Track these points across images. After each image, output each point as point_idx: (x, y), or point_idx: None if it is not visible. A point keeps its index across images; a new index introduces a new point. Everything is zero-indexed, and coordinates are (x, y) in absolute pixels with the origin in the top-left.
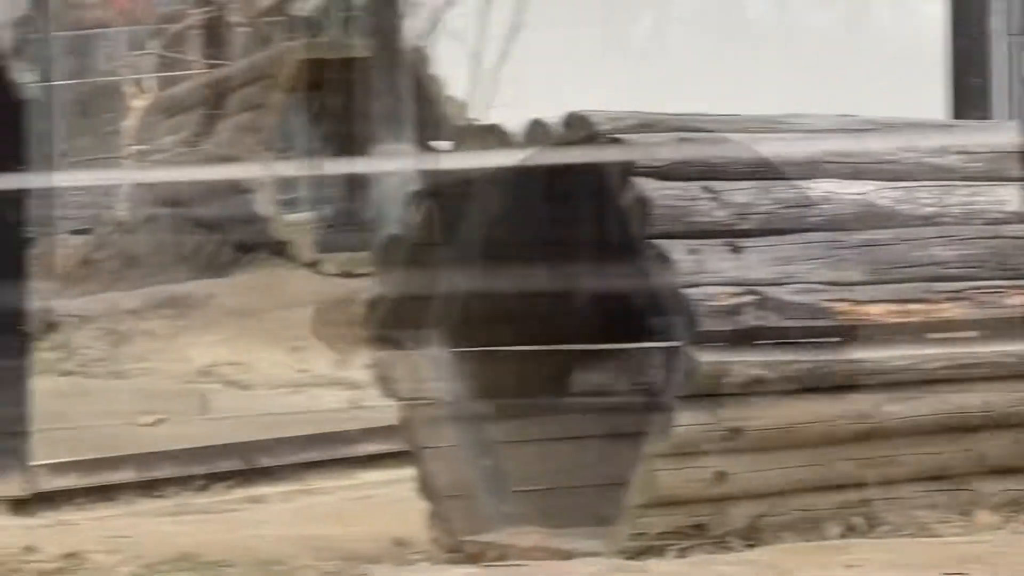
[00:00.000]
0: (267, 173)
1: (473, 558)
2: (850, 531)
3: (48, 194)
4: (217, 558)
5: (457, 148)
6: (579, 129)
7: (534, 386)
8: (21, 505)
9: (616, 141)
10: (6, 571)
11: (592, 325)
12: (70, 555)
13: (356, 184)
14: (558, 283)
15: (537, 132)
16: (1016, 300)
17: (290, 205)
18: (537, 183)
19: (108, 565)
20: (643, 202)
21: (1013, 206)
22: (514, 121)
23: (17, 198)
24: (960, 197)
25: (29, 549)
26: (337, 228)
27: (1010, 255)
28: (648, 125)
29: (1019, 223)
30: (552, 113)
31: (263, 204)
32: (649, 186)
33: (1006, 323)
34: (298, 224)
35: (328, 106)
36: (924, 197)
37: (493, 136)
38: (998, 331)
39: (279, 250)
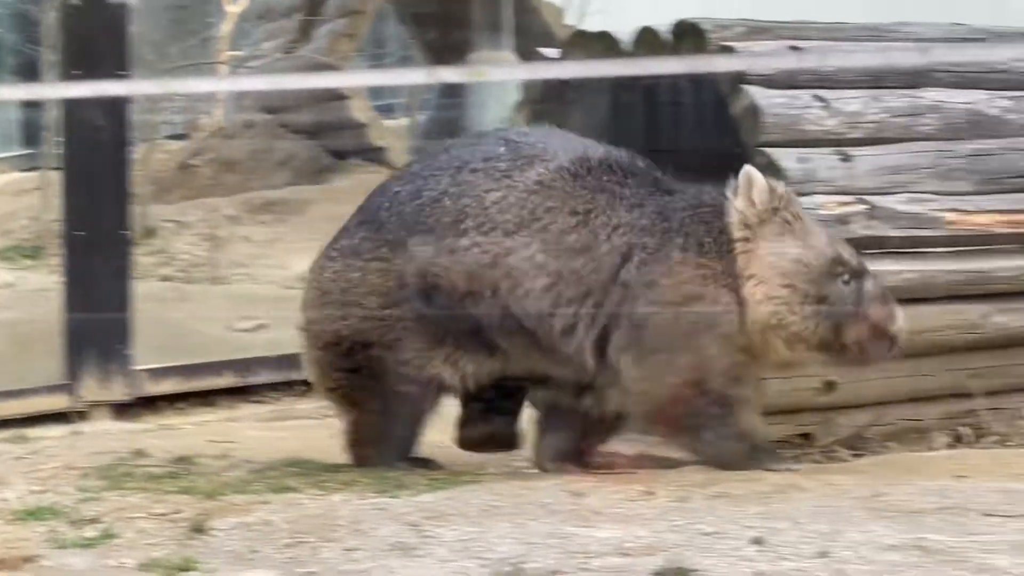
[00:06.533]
0: (363, 79)
1: None
2: (957, 441)
3: (146, 100)
4: (327, 462)
5: (566, 56)
6: (689, 36)
7: None
8: (124, 410)
9: (726, 49)
10: (119, 474)
11: None
12: (180, 459)
13: (453, 91)
14: None
15: (647, 39)
16: None
17: (386, 111)
18: (645, 91)
19: (218, 468)
20: (754, 111)
21: None
22: (617, 28)
23: (117, 104)
24: None
25: (139, 453)
26: (434, 134)
27: None
28: (758, 32)
29: None
30: (649, 20)
31: (359, 110)
32: (760, 95)
33: None
34: (395, 130)
35: (424, 13)
36: None
37: (602, 44)
38: None
39: (375, 156)
